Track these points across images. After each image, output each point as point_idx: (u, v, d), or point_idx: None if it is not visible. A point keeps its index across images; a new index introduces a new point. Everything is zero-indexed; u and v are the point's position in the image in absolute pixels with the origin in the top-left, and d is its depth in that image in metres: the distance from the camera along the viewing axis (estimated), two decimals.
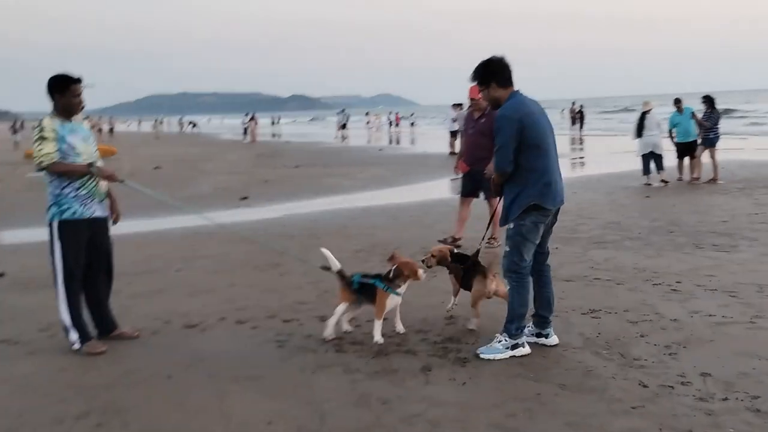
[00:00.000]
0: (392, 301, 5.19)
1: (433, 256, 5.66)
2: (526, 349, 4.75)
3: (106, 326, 5.41)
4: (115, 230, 5.44)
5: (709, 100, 14.48)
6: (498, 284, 5.23)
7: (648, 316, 5.48)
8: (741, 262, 7.16)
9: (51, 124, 4.95)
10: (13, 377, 4.73)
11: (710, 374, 4.29)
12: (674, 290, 6.21)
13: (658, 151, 14.27)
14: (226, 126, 68.27)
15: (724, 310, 5.55)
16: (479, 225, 10.04)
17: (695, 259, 7.39)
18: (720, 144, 14.69)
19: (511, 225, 4.76)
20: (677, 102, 14.81)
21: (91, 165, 5.02)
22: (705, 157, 14.48)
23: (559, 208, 4.90)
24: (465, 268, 5.48)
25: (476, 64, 4.80)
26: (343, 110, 47.31)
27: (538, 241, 4.80)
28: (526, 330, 4.94)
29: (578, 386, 4.22)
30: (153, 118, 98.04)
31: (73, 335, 5.10)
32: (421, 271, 5.19)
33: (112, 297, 5.56)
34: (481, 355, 4.72)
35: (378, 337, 5.12)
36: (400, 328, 5.32)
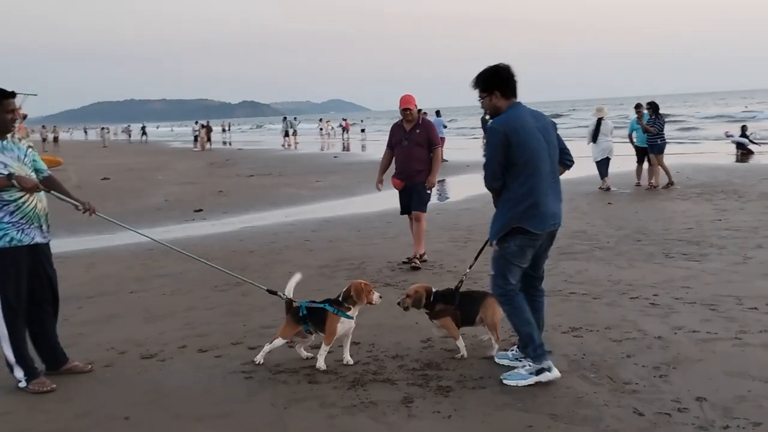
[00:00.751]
0: (344, 325, 4.88)
1: (408, 296, 5.18)
2: (554, 373, 4.41)
3: (54, 360, 4.96)
4: (60, 248, 4.99)
5: (653, 106, 14.55)
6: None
7: (631, 334, 5.28)
8: (714, 272, 7.06)
9: None
10: None
11: (706, 399, 4.08)
12: (653, 304, 6.05)
13: (611, 157, 14.53)
14: (176, 134, 66.83)
15: (707, 326, 5.39)
16: (444, 236, 9.84)
17: (668, 270, 7.27)
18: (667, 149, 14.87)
19: (496, 248, 4.51)
20: (638, 107, 14.92)
21: (10, 176, 4.53)
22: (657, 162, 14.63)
23: (554, 231, 4.62)
24: (460, 303, 5.04)
25: (482, 70, 4.54)
26: (285, 118, 46.15)
27: (526, 265, 4.54)
28: (511, 354, 4.70)
29: (570, 416, 3.96)
30: (99, 125, 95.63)
31: (19, 372, 4.65)
32: (375, 295, 4.91)
33: (60, 325, 5.11)
34: (505, 382, 4.44)
35: (321, 363, 4.82)
36: (347, 359, 4.95)
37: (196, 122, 45.69)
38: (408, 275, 7.63)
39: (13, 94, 4.69)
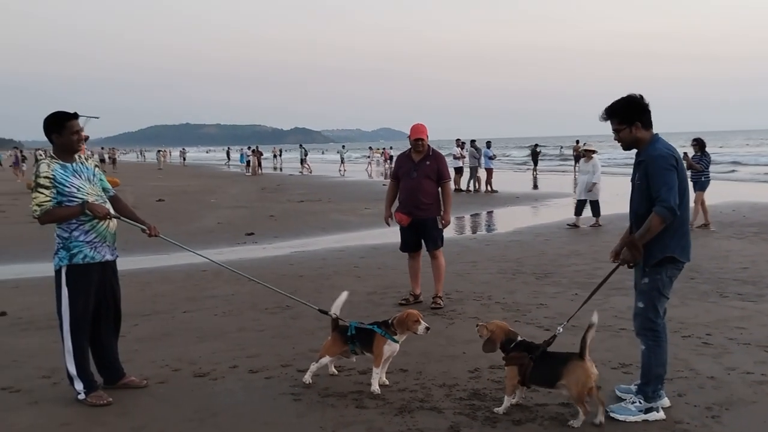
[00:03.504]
0: (390, 348, 4.98)
1: (487, 330, 4.68)
2: (661, 414, 4.38)
3: (112, 375, 5.13)
4: (118, 268, 5.17)
5: (699, 143, 14.22)
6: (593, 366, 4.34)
7: (683, 373, 5.20)
8: None
9: (47, 170, 4.69)
10: (14, 431, 4.43)
11: None
12: (705, 344, 5.95)
13: (590, 197, 14.67)
14: (231, 158, 68.21)
15: (762, 368, 5.27)
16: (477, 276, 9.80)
17: (722, 309, 7.13)
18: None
19: (646, 279, 4.45)
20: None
21: (83, 204, 4.75)
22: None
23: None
24: (536, 358, 4.44)
25: (615, 101, 4.49)
26: (300, 145, 48.39)
27: (669, 297, 4.52)
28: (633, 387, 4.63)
29: None
30: (155, 148, 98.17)
31: (79, 385, 4.83)
32: (421, 326, 4.93)
33: (118, 341, 5.29)
34: (612, 415, 4.39)
35: (375, 387, 4.91)
36: (384, 380, 5.07)
37: (249, 147, 46.66)
38: (456, 305, 7.64)
39: (76, 116, 4.91)
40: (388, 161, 46.55)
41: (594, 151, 14.84)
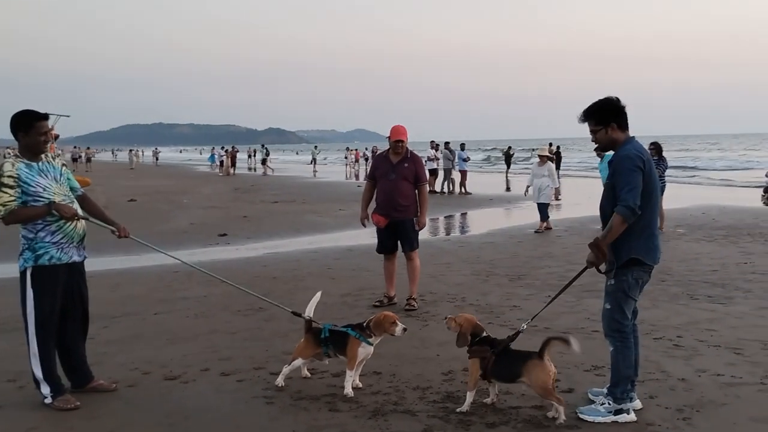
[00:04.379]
0: (364, 350, 4.97)
1: (456, 323, 4.77)
2: (631, 416, 4.40)
3: (80, 378, 5.04)
4: (87, 268, 5.07)
5: (656, 147, 14.06)
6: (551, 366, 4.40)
7: (654, 375, 5.24)
8: (739, 316, 6.99)
9: (12, 169, 4.59)
10: None
11: None
12: (676, 346, 6.00)
13: (544, 200, 14.52)
14: (202, 158, 67.67)
15: (732, 370, 5.33)
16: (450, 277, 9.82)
17: (692, 312, 7.21)
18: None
19: (611, 281, 4.47)
20: (598, 149, 14.90)
21: (50, 204, 4.65)
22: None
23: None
24: (499, 354, 4.52)
25: (593, 103, 4.53)
26: (263, 145, 47.79)
27: (637, 300, 4.53)
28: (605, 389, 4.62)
29: None
30: (128, 147, 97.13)
31: (45, 389, 4.73)
32: (398, 328, 4.92)
33: (86, 343, 5.18)
34: (581, 416, 4.41)
35: (348, 390, 4.88)
36: (357, 382, 5.03)
37: (222, 147, 46.37)
38: (430, 307, 7.64)
39: (46, 116, 4.81)
40: (357, 162, 46.36)
41: (548, 156, 14.81)
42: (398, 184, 7.50)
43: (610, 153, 4.54)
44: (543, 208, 14.34)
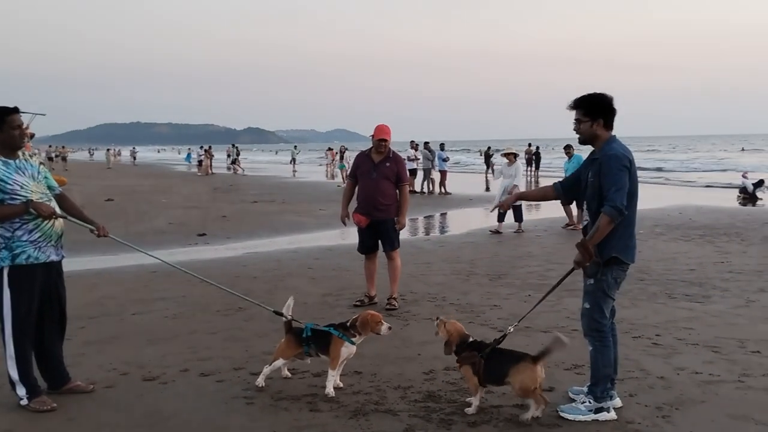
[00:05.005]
0: (347, 350, 4.95)
1: (446, 331, 4.73)
2: (612, 414, 4.41)
3: (57, 379, 4.96)
4: (63, 268, 4.99)
5: (567, 148, 14.80)
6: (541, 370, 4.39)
7: (633, 373, 5.28)
8: (717, 315, 7.07)
9: None
10: None
11: None
12: (655, 344, 6.05)
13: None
14: (180, 158, 67.21)
15: (709, 368, 5.39)
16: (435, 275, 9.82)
17: (671, 310, 7.28)
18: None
19: (591, 281, 4.46)
20: (567, 148, 15.15)
21: (27, 203, 4.57)
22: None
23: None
24: (488, 358, 4.48)
25: (587, 94, 4.50)
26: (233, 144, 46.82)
27: (615, 298, 4.54)
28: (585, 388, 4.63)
29: None
30: (105, 147, 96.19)
31: (21, 390, 4.66)
32: (384, 327, 4.92)
33: (63, 345, 5.11)
34: (562, 414, 4.42)
35: (330, 390, 4.86)
36: (338, 382, 5.01)
37: (201, 147, 46.08)
38: (411, 306, 7.63)
39: (16, 110, 4.70)
40: (333, 162, 45.06)
41: (515, 155, 14.74)
42: (379, 184, 7.49)
43: (580, 155, 4.57)
44: (517, 209, 14.23)
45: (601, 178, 4.37)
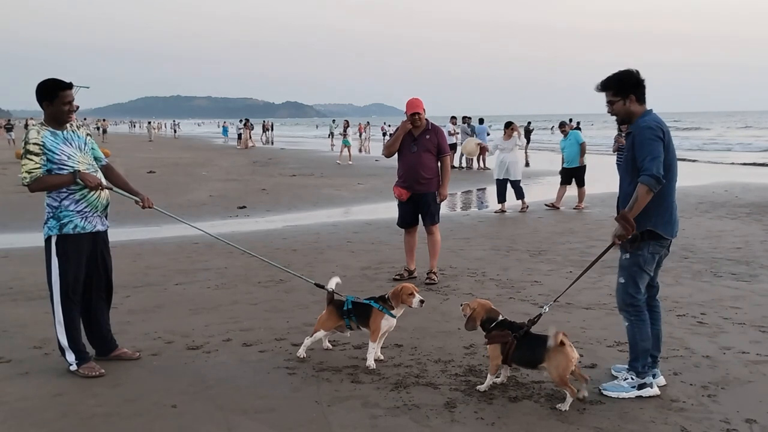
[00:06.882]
0: (387, 322, 4.94)
1: (470, 308, 4.66)
2: (655, 390, 4.38)
3: (104, 346, 5.08)
4: (109, 238, 5.08)
5: (562, 125, 14.36)
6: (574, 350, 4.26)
7: (678, 352, 5.20)
8: (764, 294, 6.91)
9: (37, 136, 4.58)
10: (4, 401, 4.37)
11: (756, 421, 4.00)
12: (700, 323, 5.95)
13: (509, 177, 14.10)
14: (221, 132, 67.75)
15: (757, 347, 5.28)
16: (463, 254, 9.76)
17: (716, 289, 7.14)
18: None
19: (627, 255, 4.40)
20: (562, 126, 14.76)
21: (75, 173, 4.65)
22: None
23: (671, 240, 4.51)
24: (519, 338, 4.38)
25: (613, 74, 4.44)
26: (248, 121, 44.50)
27: (652, 274, 4.48)
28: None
29: (616, 431, 3.92)
30: (146, 120, 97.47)
31: (70, 356, 4.77)
32: (415, 299, 4.85)
33: (110, 313, 5.22)
34: (605, 393, 4.39)
35: (371, 362, 4.89)
36: (379, 355, 5.04)
37: (240, 120, 46.22)
38: (450, 281, 7.62)
39: (70, 86, 4.79)
40: (362, 135, 44.15)
41: (513, 128, 14.23)
42: (420, 157, 7.43)
43: (577, 132, 4.44)
44: (517, 185, 13.96)
45: (635, 150, 4.29)
